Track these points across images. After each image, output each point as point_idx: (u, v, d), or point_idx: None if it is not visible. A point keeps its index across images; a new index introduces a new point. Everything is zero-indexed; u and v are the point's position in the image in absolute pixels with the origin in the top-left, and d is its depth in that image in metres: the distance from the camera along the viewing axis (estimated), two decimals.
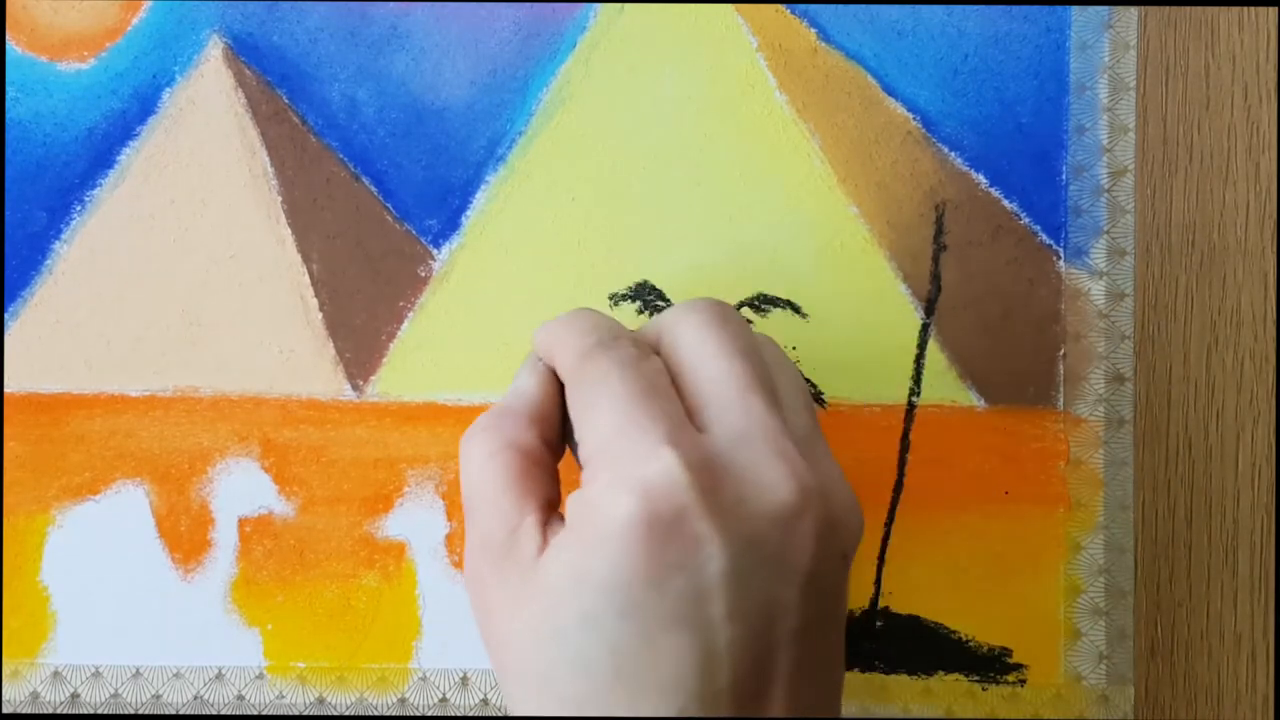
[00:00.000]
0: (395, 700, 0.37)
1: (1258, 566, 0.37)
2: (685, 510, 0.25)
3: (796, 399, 0.29)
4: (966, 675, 0.37)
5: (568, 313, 0.31)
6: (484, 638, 0.28)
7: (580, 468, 0.29)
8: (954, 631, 0.37)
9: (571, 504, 0.27)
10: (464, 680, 0.37)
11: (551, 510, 0.28)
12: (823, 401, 0.37)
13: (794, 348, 0.37)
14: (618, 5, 0.37)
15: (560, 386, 0.30)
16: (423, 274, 0.37)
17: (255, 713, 0.37)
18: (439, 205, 0.37)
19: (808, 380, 0.37)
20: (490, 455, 0.29)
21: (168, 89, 0.37)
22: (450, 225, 0.37)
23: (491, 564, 0.28)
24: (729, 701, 0.25)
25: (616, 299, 0.37)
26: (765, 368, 0.28)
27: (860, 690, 0.37)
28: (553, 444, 0.30)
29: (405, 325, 0.37)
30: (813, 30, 0.37)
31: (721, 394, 0.27)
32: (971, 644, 0.37)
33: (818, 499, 0.26)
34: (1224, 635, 0.37)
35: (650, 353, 0.29)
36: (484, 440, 0.29)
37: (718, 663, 0.25)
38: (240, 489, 0.37)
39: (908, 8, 0.37)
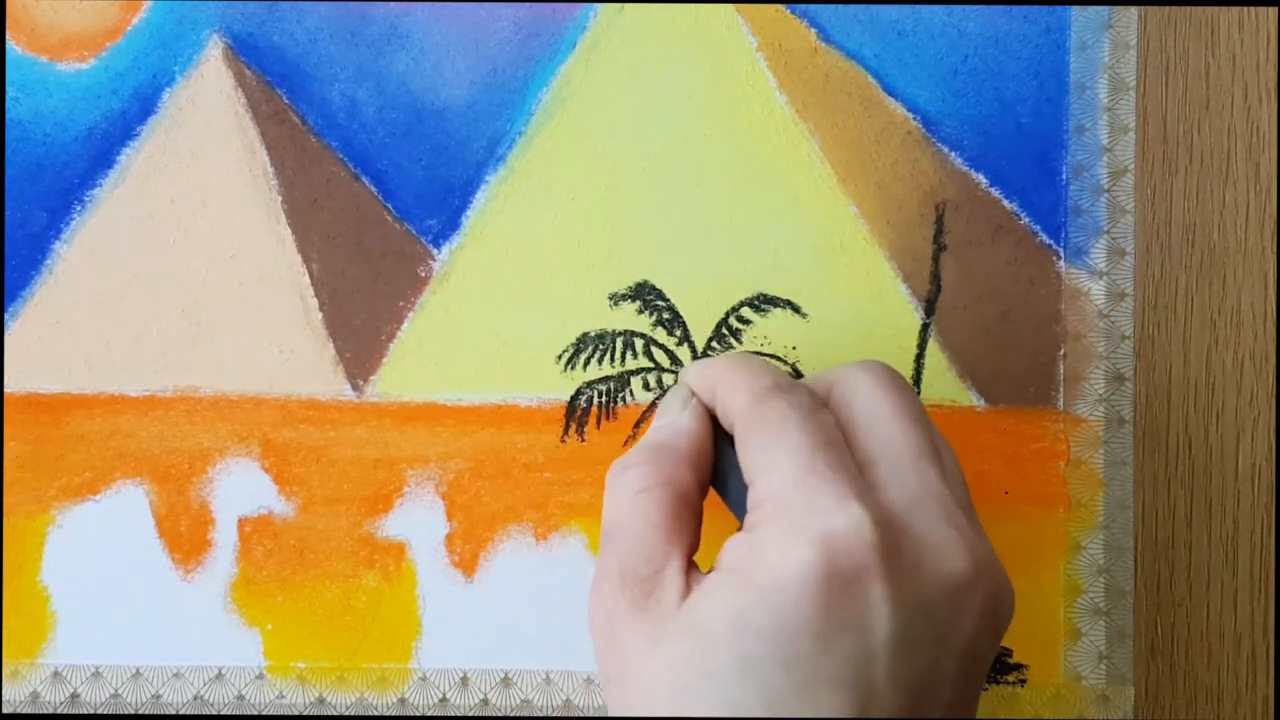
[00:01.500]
0: (395, 700, 0.37)
1: (1258, 566, 0.37)
2: (865, 569, 0.25)
3: (957, 474, 0.29)
4: None
5: (730, 355, 0.30)
6: (605, 672, 0.28)
7: (733, 512, 0.28)
8: None
9: (734, 548, 0.26)
10: (464, 680, 0.37)
11: (692, 555, 0.28)
12: None
13: (794, 348, 0.37)
14: (618, 5, 0.37)
15: (713, 428, 0.30)
16: (423, 274, 0.37)
17: (255, 713, 0.37)
18: (439, 205, 0.37)
19: None
20: (644, 490, 0.28)
21: (168, 89, 0.37)
22: (450, 225, 0.37)
23: (630, 599, 0.27)
24: None
25: (616, 299, 0.37)
26: (935, 439, 0.28)
27: None
28: (705, 487, 0.29)
29: (405, 325, 0.37)
30: (813, 30, 0.37)
31: (895, 456, 0.27)
32: None
33: (987, 573, 0.26)
34: (1224, 635, 0.37)
35: (823, 404, 0.29)
36: (640, 475, 0.29)
37: None
38: (240, 489, 0.37)
39: (908, 8, 0.37)
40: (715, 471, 0.30)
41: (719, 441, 0.30)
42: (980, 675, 0.27)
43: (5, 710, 0.37)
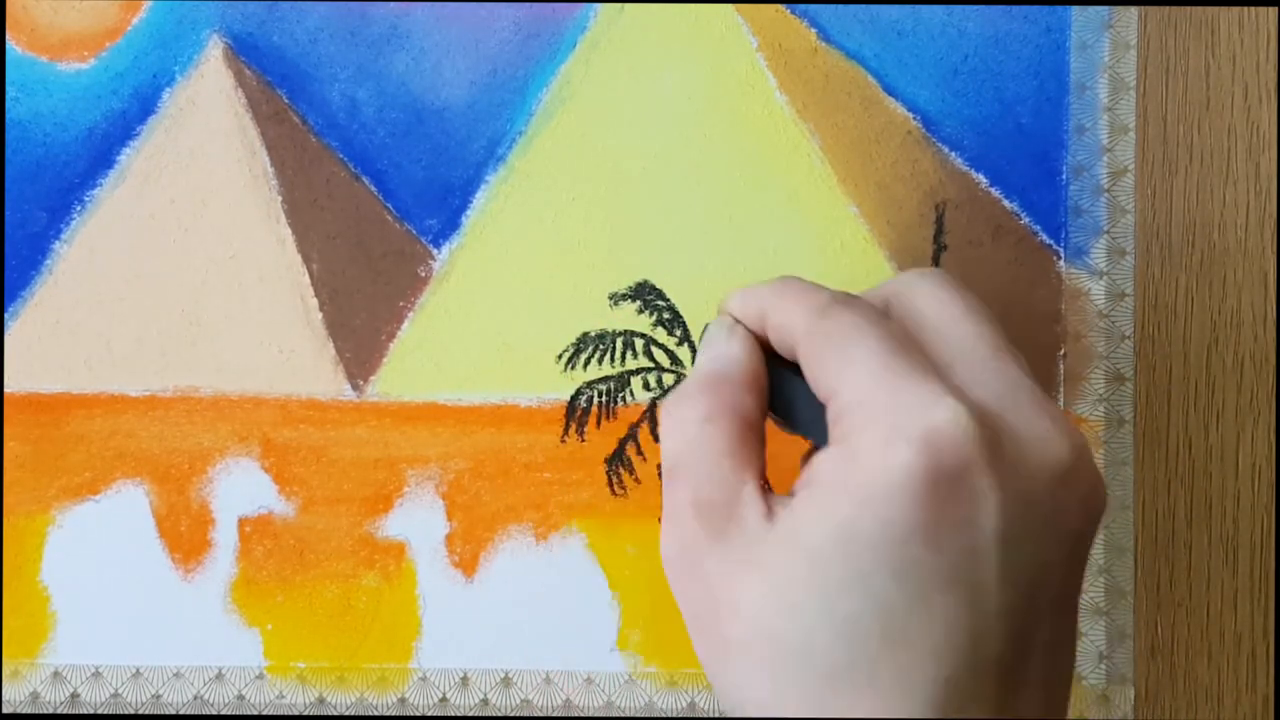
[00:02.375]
0: (395, 700, 0.37)
1: (1258, 566, 0.37)
2: (970, 464, 0.24)
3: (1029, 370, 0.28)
4: None
5: (774, 280, 0.29)
6: (691, 610, 0.27)
7: (800, 433, 0.28)
8: None
9: (823, 461, 0.25)
10: (464, 680, 0.37)
11: (763, 479, 0.27)
12: None
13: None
14: (618, 5, 0.37)
15: (764, 353, 0.29)
16: (423, 274, 0.37)
17: (255, 713, 0.37)
18: (439, 205, 0.37)
19: None
20: (706, 419, 0.27)
21: (168, 89, 0.37)
22: (450, 225, 0.37)
23: (710, 528, 0.26)
24: (994, 671, 0.24)
25: (616, 299, 0.37)
26: (1005, 336, 0.28)
27: None
28: (764, 411, 0.29)
29: (405, 325, 0.37)
30: (813, 30, 0.37)
31: (972, 355, 0.26)
32: None
33: (1086, 461, 0.25)
34: (1224, 635, 0.37)
35: (885, 314, 0.28)
36: (699, 404, 0.28)
37: (988, 628, 0.24)
38: (240, 489, 0.37)
39: (908, 8, 0.37)
40: (772, 398, 0.29)
41: (771, 366, 0.29)
42: (1082, 566, 0.26)
43: (5, 710, 0.37)
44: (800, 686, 0.24)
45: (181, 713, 0.37)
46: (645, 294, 0.37)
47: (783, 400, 0.29)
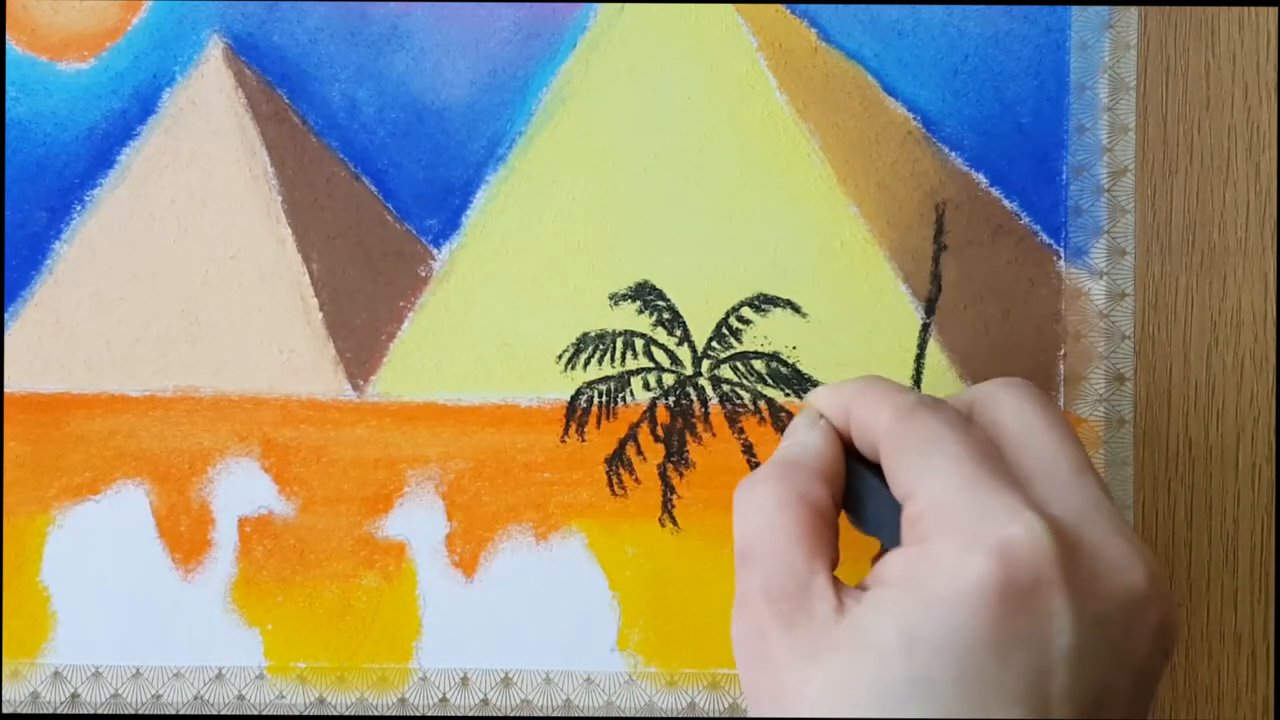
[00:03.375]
0: (395, 700, 0.37)
1: (1258, 566, 0.37)
2: (1043, 580, 0.24)
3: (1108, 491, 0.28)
4: None
5: (860, 378, 0.30)
6: (756, 694, 0.27)
7: (870, 533, 0.28)
8: None
9: (897, 562, 0.26)
10: (464, 680, 0.37)
11: (834, 570, 0.27)
12: None
13: (794, 347, 0.37)
14: (618, 5, 0.37)
15: (843, 450, 0.29)
16: (423, 274, 0.37)
17: (255, 713, 0.37)
18: (439, 205, 0.37)
19: (809, 379, 0.37)
20: (780, 506, 0.28)
21: (168, 89, 0.37)
22: (450, 225, 0.37)
23: (780, 617, 0.26)
24: None
25: (616, 299, 0.37)
26: (1086, 453, 0.28)
27: None
28: (839, 505, 0.29)
29: (405, 325, 0.37)
30: (813, 30, 0.37)
31: (1053, 471, 0.26)
32: None
33: (1161, 590, 0.25)
34: (1224, 635, 0.37)
35: (969, 420, 0.28)
36: (774, 489, 0.28)
37: None
38: (240, 489, 0.37)
39: (908, 8, 0.37)
40: (847, 494, 0.29)
41: (851, 464, 0.29)
42: (1150, 698, 0.26)
43: (5, 710, 0.37)
44: None
45: (181, 713, 0.37)
46: (645, 294, 0.37)
47: (859, 498, 0.29)
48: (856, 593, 0.26)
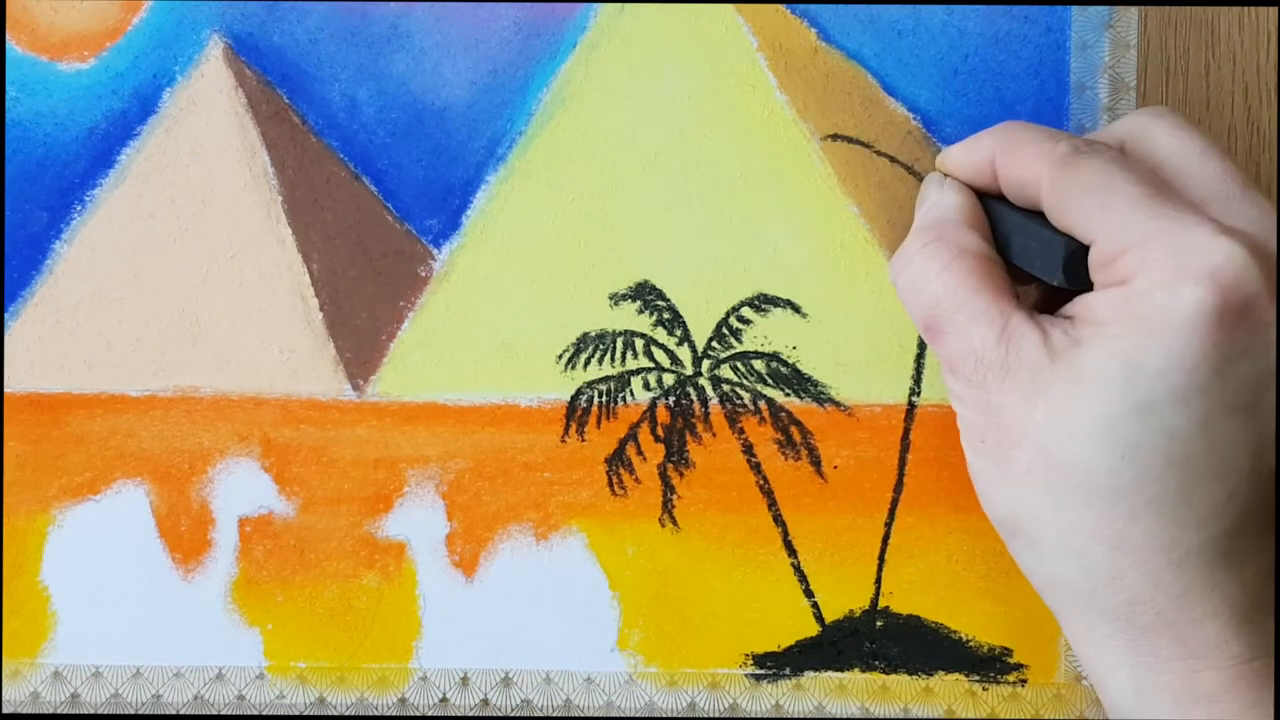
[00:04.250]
0: (395, 700, 0.37)
1: None
2: (1254, 298, 0.25)
3: None
4: (966, 675, 0.37)
5: (990, 132, 0.30)
6: (978, 436, 0.28)
7: (1031, 271, 0.29)
8: (954, 631, 0.37)
9: (1104, 301, 0.27)
10: (464, 680, 0.37)
11: (1019, 302, 0.28)
12: (825, 401, 0.37)
13: (794, 347, 0.37)
14: (618, 5, 0.37)
15: (978, 196, 0.30)
16: (423, 274, 0.37)
17: (255, 713, 0.37)
18: (439, 205, 0.37)
19: (809, 379, 0.37)
20: (945, 266, 0.29)
21: (168, 89, 0.37)
22: (450, 225, 0.37)
23: (992, 367, 0.27)
24: (1268, 490, 0.26)
25: (616, 299, 0.37)
26: None
27: (860, 690, 0.37)
28: (993, 247, 0.30)
29: (405, 325, 0.37)
30: (813, 30, 0.37)
31: (1224, 191, 0.27)
32: (971, 644, 0.37)
33: None
34: None
35: (1127, 155, 0.29)
36: (933, 253, 0.29)
37: (1267, 447, 0.26)
38: (240, 489, 0.37)
39: (908, 8, 0.37)
40: (1002, 245, 0.30)
41: (990, 205, 0.30)
42: None
43: (5, 710, 0.37)
44: (1079, 505, 0.26)
45: (181, 713, 0.37)
46: (645, 294, 0.37)
47: (1004, 238, 0.30)
48: (1062, 324, 0.27)
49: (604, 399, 0.37)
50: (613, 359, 0.37)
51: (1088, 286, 0.28)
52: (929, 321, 0.29)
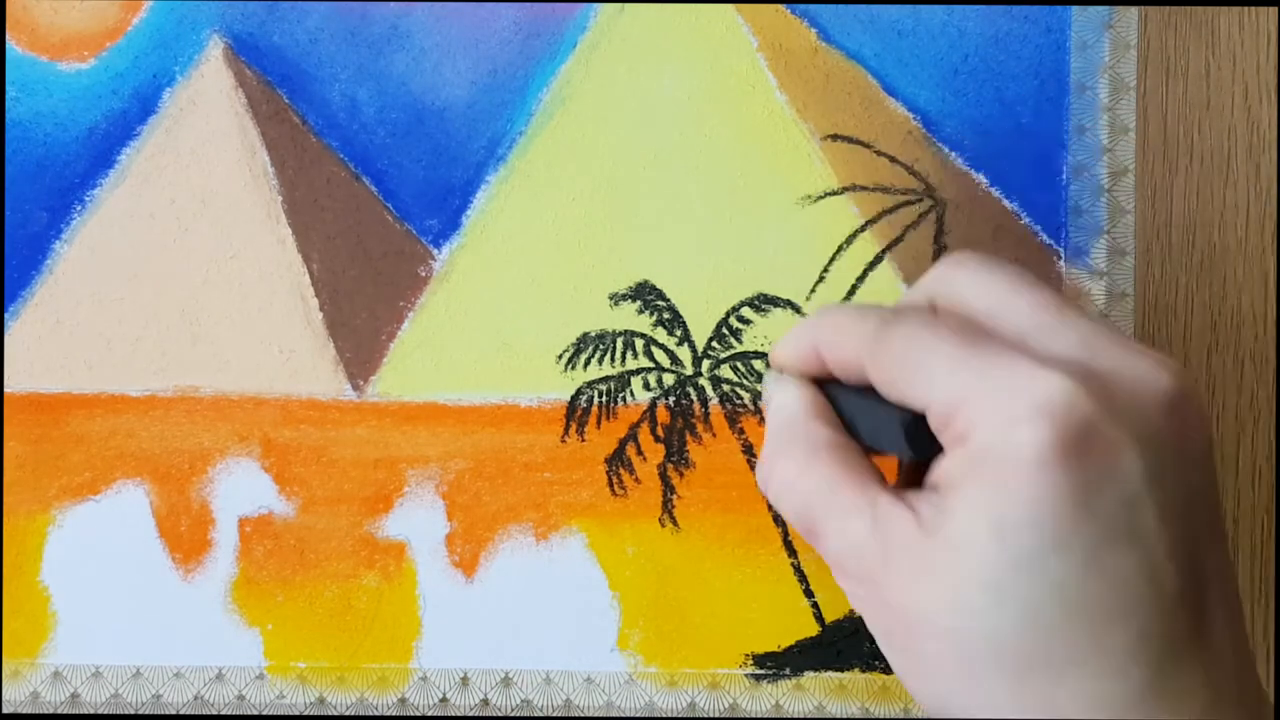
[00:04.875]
0: (395, 700, 0.37)
1: (1258, 566, 0.37)
2: (1092, 422, 0.24)
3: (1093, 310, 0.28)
4: None
5: (806, 320, 0.30)
6: (884, 633, 0.27)
7: (881, 448, 0.28)
8: None
9: (948, 466, 0.26)
10: (464, 680, 0.37)
11: (884, 485, 0.27)
12: None
13: None
14: (618, 5, 0.37)
15: (819, 387, 0.30)
16: (423, 274, 0.37)
17: (255, 713, 0.37)
18: (439, 205, 0.37)
19: None
20: (803, 468, 0.28)
21: (168, 89, 0.37)
22: (450, 225, 0.37)
23: (872, 560, 0.27)
24: (1181, 610, 0.24)
25: (616, 299, 0.37)
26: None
27: (860, 690, 0.37)
28: (842, 432, 0.29)
29: (405, 325, 0.37)
30: (813, 30, 0.37)
31: (1039, 323, 0.27)
32: None
33: (1190, 382, 0.26)
34: None
35: (933, 312, 0.28)
36: (788, 459, 0.28)
37: (1163, 572, 0.24)
38: (240, 489, 0.37)
39: (908, 8, 0.37)
40: (850, 425, 0.29)
41: (830, 391, 0.30)
42: (1217, 485, 0.27)
43: (5, 710, 0.37)
44: (1003, 683, 0.25)
45: (181, 713, 0.37)
46: (645, 294, 0.37)
47: (850, 420, 0.29)
48: (928, 496, 0.26)
49: (604, 399, 0.37)
50: (613, 359, 0.37)
51: (939, 451, 0.27)
52: (804, 525, 0.28)
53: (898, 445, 0.27)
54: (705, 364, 0.37)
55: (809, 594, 0.37)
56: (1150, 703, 0.24)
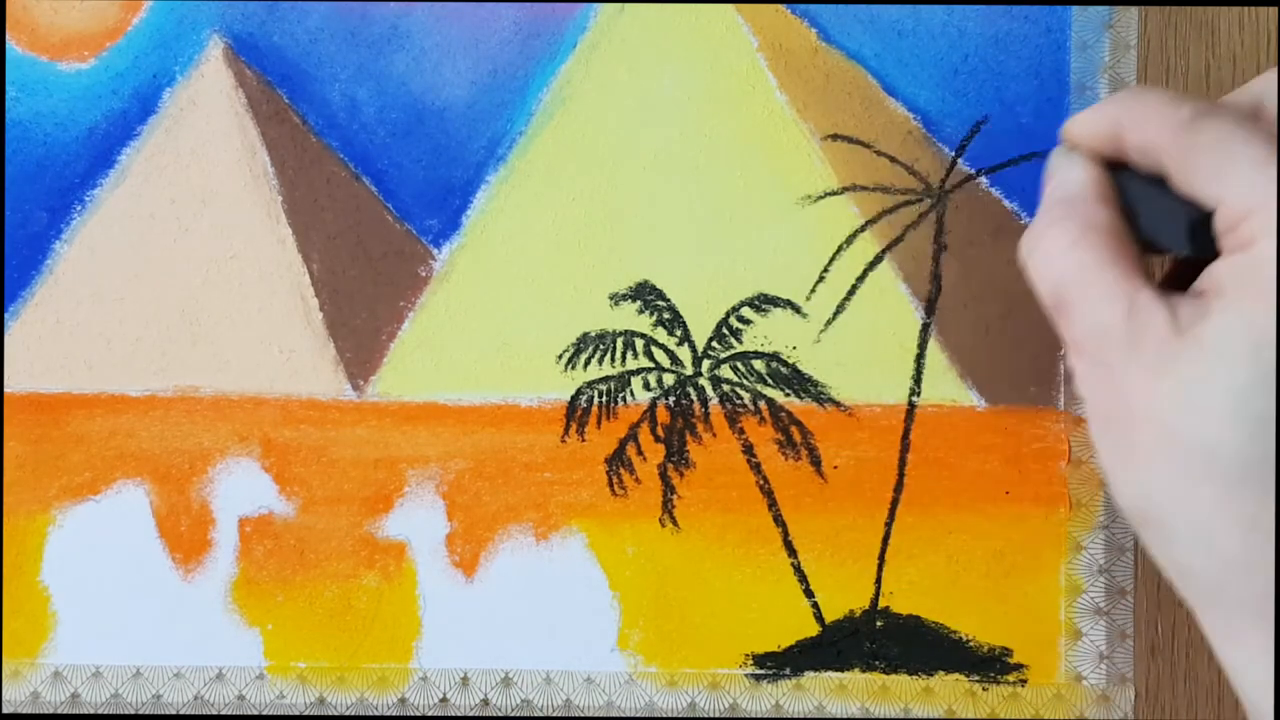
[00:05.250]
0: (395, 700, 0.37)
1: None
2: None
3: None
4: (967, 675, 0.37)
5: (1114, 98, 0.29)
6: (1103, 419, 0.27)
7: (1163, 244, 0.28)
8: (954, 631, 0.37)
9: (1229, 269, 0.26)
10: (464, 680, 0.37)
11: (1149, 279, 0.27)
12: (825, 401, 0.37)
13: (794, 348, 0.37)
14: (618, 5, 0.37)
15: (1107, 168, 0.29)
16: (423, 274, 0.37)
17: (255, 713, 0.37)
18: (439, 205, 0.37)
19: (809, 379, 0.37)
20: (1074, 243, 0.28)
21: (168, 89, 0.37)
22: (450, 225, 0.37)
23: (1118, 344, 0.26)
24: None
25: (616, 299, 0.37)
26: None
27: (860, 690, 0.37)
28: (1124, 222, 0.29)
29: (405, 325, 0.37)
30: (813, 30, 0.37)
31: None
32: (971, 644, 0.37)
33: None
34: None
35: (1255, 117, 0.28)
36: (1062, 230, 0.28)
37: None
38: (240, 489, 0.37)
39: (908, 8, 0.37)
40: (1135, 216, 0.29)
41: (1118, 176, 0.29)
42: None
43: (5, 710, 0.37)
44: (1207, 488, 0.25)
45: (181, 713, 0.37)
46: (645, 294, 0.37)
47: (1132, 208, 0.29)
48: (1190, 300, 0.26)
49: (604, 399, 0.37)
50: (613, 359, 0.37)
51: (1216, 254, 0.27)
52: (1056, 299, 0.28)
53: (1178, 239, 0.27)
54: (705, 364, 0.37)
55: (809, 594, 0.37)
56: None
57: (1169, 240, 0.28)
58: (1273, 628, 0.25)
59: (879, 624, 0.37)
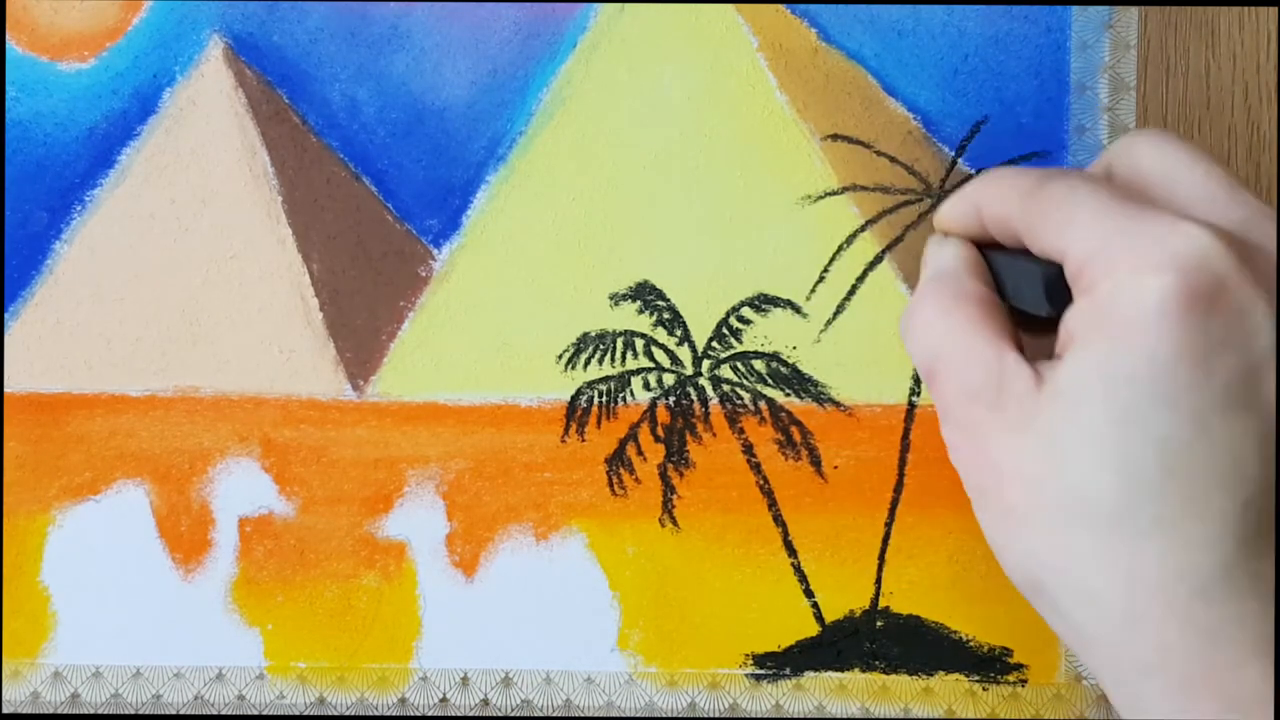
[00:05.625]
0: (395, 700, 0.37)
1: None
2: (1225, 279, 0.23)
3: None
4: (967, 675, 0.37)
5: (974, 180, 0.30)
6: (977, 486, 0.27)
7: (1036, 311, 0.28)
8: (954, 631, 0.37)
9: (1074, 318, 0.25)
10: (464, 680, 0.37)
11: (1019, 349, 0.27)
12: (825, 401, 0.37)
13: (794, 347, 0.37)
14: (618, 5, 0.37)
15: (979, 250, 0.30)
16: (423, 274, 0.37)
17: (255, 713, 0.37)
18: (439, 205, 0.37)
19: (809, 379, 0.37)
20: (947, 311, 0.28)
21: (168, 89, 0.37)
22: (450, 225, 0.37)
23: (984, 406, 0.26)
24: None
25: (616, 299, 0.37)
26: None
27: (860, 690, 0.37)
28: (994, 292, 0.29)
29: (405, 325, 0.37)
30: (813, 30, 0.37)
31: (1208, 194, 0.26)
32: (971, 644, 0.37)
33: None
34: None
35: (1109, 178, 0.28)
36: (935, 301, 0.28)
37: (1277, 447, 0.23)
38: (240, 489, 0.37)
39: (908, 8, 0.37)
40: (1004, 289, 0.29)
41: (985, 253, 0.30)
42: None
43: (5, 710, 0.37)
44: (1087, 539, 0.24)
45: (182, 713, 0.37)
46: (645, 294, 0.37)
47: (999, 278, 0.29)
48: (1053, 362, 0.26)
49: (604, 399, 0.37)
50: (613, 359, 0.37)
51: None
52: (928, 367, 0.28)
53: (1038, 300, 0.27)
54: (705, 364, 0.37)
55: (809, 594, 0.37)
56: (1244, 584, 0.23)
57: (1031, 303, 0.28)
58: (1169, 692, 0.24)
59: (879, 624, 0.37)
